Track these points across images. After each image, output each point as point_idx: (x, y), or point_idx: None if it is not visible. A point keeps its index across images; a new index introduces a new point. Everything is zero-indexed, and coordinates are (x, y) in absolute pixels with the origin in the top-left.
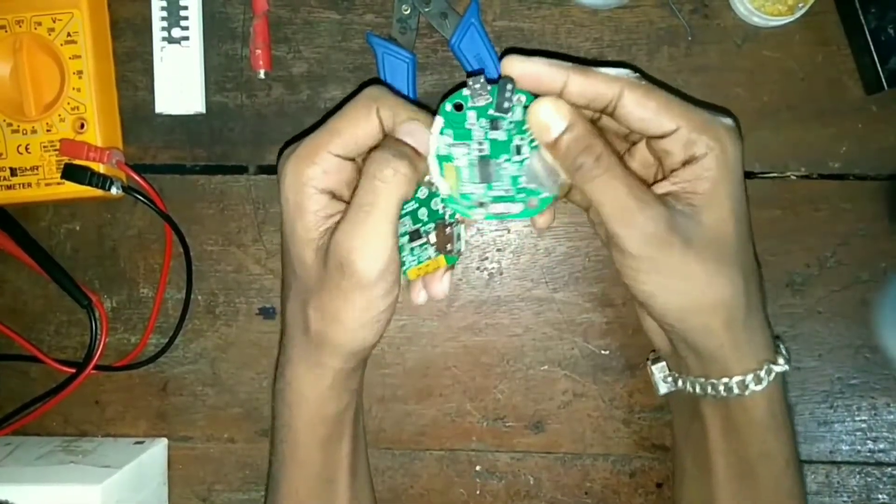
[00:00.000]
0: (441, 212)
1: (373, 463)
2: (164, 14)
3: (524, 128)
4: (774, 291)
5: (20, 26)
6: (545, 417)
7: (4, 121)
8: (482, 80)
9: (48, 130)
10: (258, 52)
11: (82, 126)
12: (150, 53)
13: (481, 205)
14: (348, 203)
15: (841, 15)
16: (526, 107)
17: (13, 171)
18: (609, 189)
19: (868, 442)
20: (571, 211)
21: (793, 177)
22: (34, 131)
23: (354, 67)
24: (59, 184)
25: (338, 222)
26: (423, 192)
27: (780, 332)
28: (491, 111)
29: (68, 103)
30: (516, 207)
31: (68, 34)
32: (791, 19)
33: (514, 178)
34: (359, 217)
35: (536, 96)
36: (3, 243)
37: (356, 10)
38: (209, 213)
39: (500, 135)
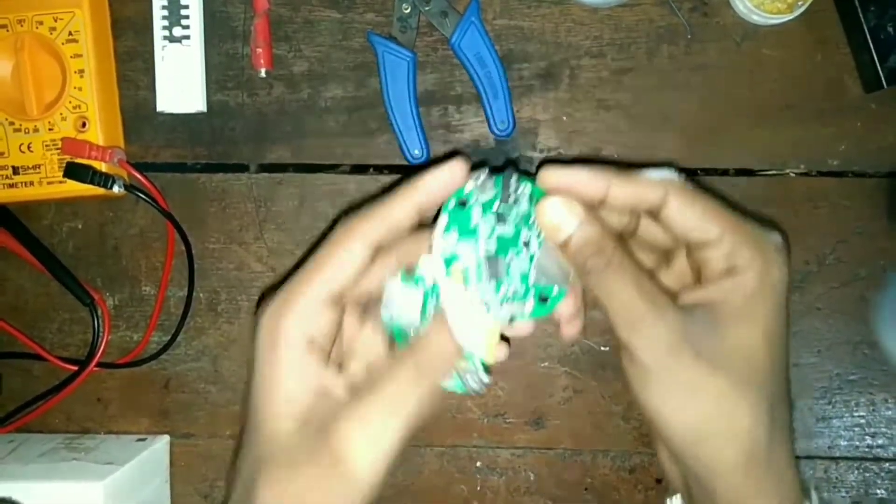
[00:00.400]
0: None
1: None
2: (165, 13)
3: (531, 220)
4: None
5: (22, 25)
6: (545, 414)
7: (6, 119)
8: (486, 173)
9: (50, 129)
10: (259, 50)
11: (84, 125)
12: (152, 52)
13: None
14: (335, 358)
15: (840, 13)
16: (532, 196)
17: (15, 170)
18: (618, 292)
19: (866, 437)
20: None
21: (792, 174)
22: (36, 130)
23: (355, 66)
24: (61, 182)
25: (335, 395)
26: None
27: None
28: (497, 203)
29: (70, 102)
30: (528, 307)
31: (70, 33)
32: (790, 17)
33: (524, 276)
34: (377, 413)
35: (542, 190)
36: (6, 241)
37: (357, 9)
38: (211, 211)
39: (506, 229)
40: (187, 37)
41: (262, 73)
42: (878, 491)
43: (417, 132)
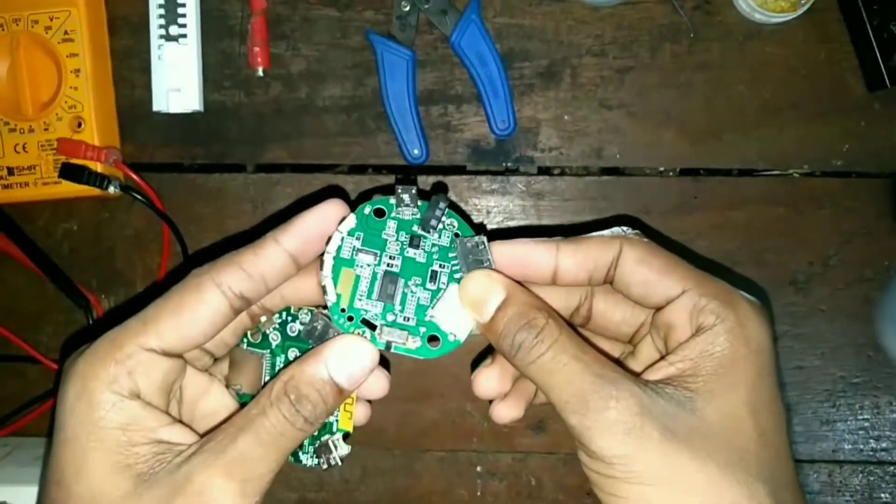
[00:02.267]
0: None
1: (373, 463)
2: (162, 12)
3: (449, 255)
4: (777, 290)
5: (17, 24)
6: (546, 418)
7: (1, 120)
8: (413, 192)
9: (45, 129)
10: (256, 49)
11: (80, 125)
12: (148, 51)
13: (370, 326)
14: (172, 415)
15: (843, 12)
16: (457, 234)
17: (10, 171)
18: (557, 370)
19: (871, 441)
20: (572, 210)
21: (796, 175)
22: (31, 130)
23: (354, 65)
24: (56, 183)
25: (177, 444)
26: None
27: (782, 331)
28: (415, 227)
29: (65, 102)
30: (414, 342)
31: (65, 32)
32: (793, 16)
33: (421, 309)
34: (241, 462)
35: (470, 230)
36: (1, 243)
37: (355, 7)
38: (207, 211)
39: (418, 255)
40: (184, 35)
41: (260, 73)
42: (883, 495)
43: (417, 132)
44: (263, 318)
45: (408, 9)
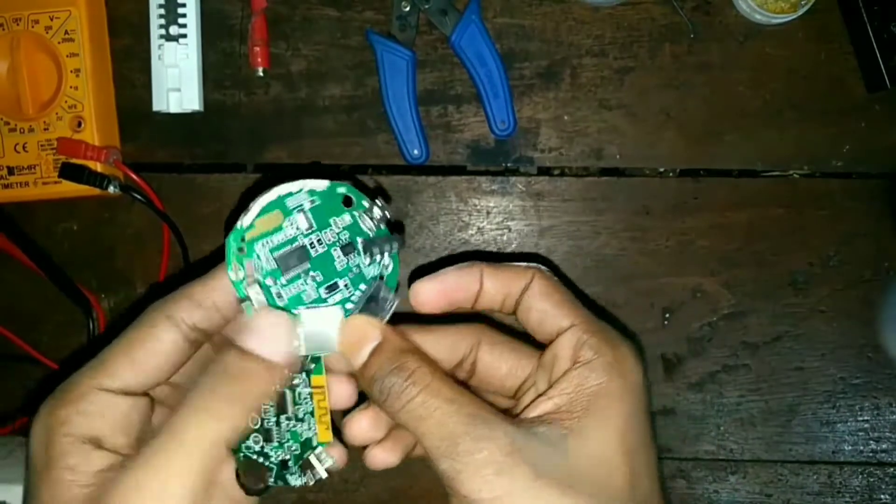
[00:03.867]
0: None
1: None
2: (162, 11)
3: (361, 285)
4: (777, 290)
5: (17, 24)
6: None
7: (1, 119)
8: (384, 214)
9: (45, 129)
10: (256, 49)
11: (80, 124)
12: (148, 51)
13: (259, 286)
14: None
15: (844, 13)
16: (381, 277)
17: (10, 170)
18: (428, 414)
19: (871, 442)
20: (572, 210)
21: (796, 175)
22: (31, 130)
23: (354, 65)
24: (56, 183)
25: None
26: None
27: (782, 331)
28: (360, 239)
29: (65, 101)
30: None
31: (66, 32)
32: (794, 17)
33: (298, 298)
34: (157, 461)
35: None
36: (0, 243)
37: (355, 7)
38: (207, 211)
39: (339, 260)
40: (184, 35)
41: (260, 72)
42: (883, 496)
43: (417, 132)
44: None
45: (408, 9)
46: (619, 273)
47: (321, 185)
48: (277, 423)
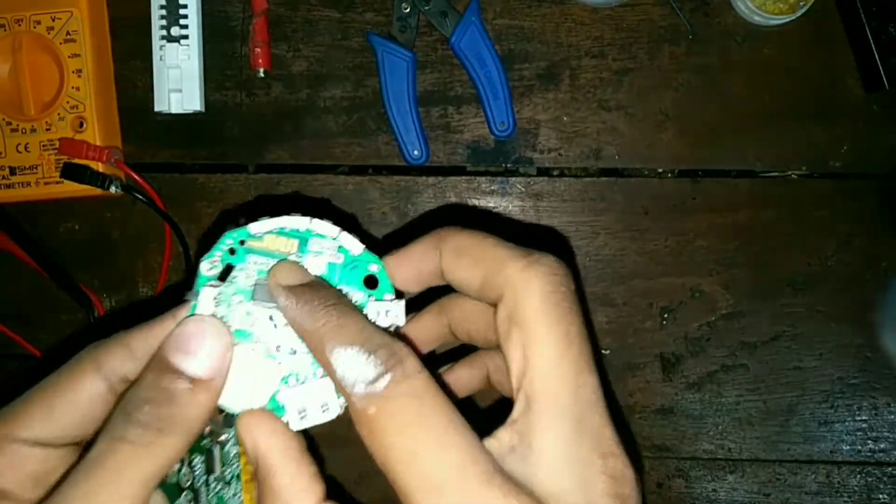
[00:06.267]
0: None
1: (370, 466)
2: (164, 13)
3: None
4: (775, 291)
5: (19, 25)
6: None
7: (3, 120)
8: (396, 324)
9: (47, 129)
10: (257, 50)
11: (81, 125)
12: (150, 52)
13: (219, 296)
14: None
15: (842, 14)
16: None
17: (12, 170)
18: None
19: (869, 442)
20: (571, 211)
21: (794, 176)
22: (33, 130)
23: (354, 66)
24: (58, 183)
25: None
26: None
27: (780, 331)
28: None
29: (67, 102)
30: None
31: (67, 33)
32: (792, 18)
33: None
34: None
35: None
36: (2, 243)
37: (356, 9)
38: (208, 211)
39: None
40: (185, 36)
41: (261, 73)
42: (881, 496)
43: (417, 133)
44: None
45: (408, 10)
46: (618, 273)
47: (356, 247)
48: (207, 483)
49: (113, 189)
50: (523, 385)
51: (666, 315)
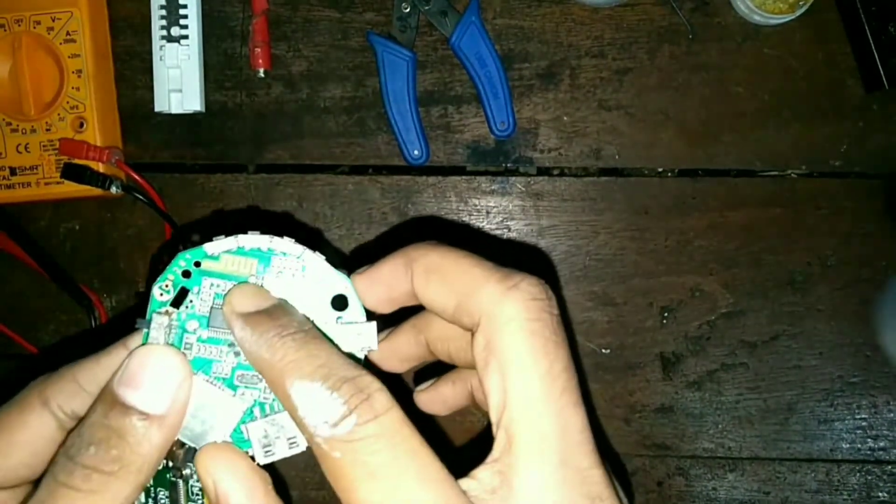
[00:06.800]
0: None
1: None
2: (164, 13)
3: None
4: (775, 290)
5: (19, 25)
6: None
7: (4, 120)
8: (370, 328)
9: (47, 129)
10: (258, 50)
11: (81, 125)
12: (150, 52)
13: (172, 324)
14: None
15: (842, 13)
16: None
17: (12, 171)
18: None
19: (868, 440)
20: (571, 210)
21: (794, 175)
22: (33, 130)
23: (354, 66)
24: (58, 183)
25: None
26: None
27: (780, 330)
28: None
29: (67, 102)
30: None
31: (67, 33)
32: (792, 17)
33: (227, 382)
34: None
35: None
36: (3, 243)
37: (356, 9)
38: (208, 211)
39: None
40: (186, 37)
41: (261, 73)
42: (881, 494)
43: (417, 132)
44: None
45: (408, 10)
46: (618, 272)
47: (321, 266)
48: None
49: (113, 189)
50: (502, 421)
51: (666, 314)
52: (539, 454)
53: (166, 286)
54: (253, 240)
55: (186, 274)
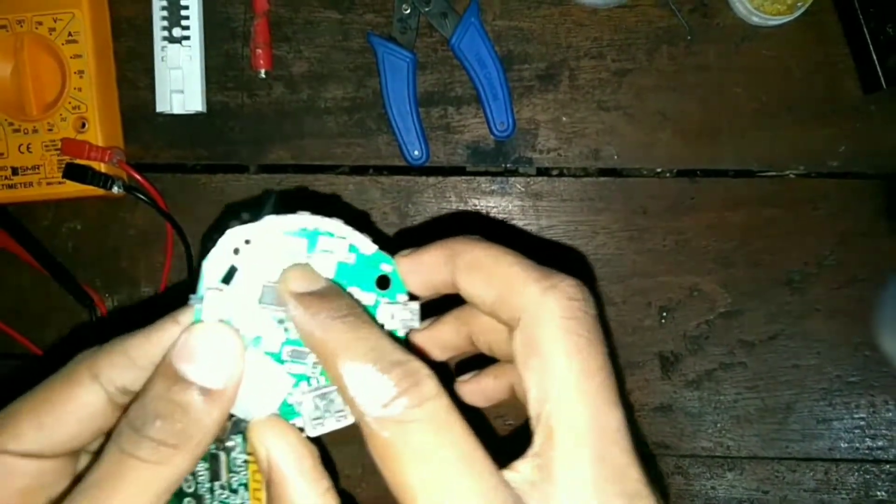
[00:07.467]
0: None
1: (373, 462)
2: (165, 13)
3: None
4: (773, 289)
5: (21, 26)
6: None
7: (6, 120)
8: (410, 323)
9: (49, 130)
10: (259, 51)
11: (83, 125)
12: (151, 53)
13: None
14: None
15: (840, 14)
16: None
17: (15, 171)
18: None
19: (866, 439)
20: (570, 210)
21: (792, 175)
22: (35, 131)
23: (355, 67)
24: (60, 183)
25: None
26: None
27: (779, 330)
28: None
29: (69, 103)
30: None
31: (69, 34)
32: (790, 18)
33: (275, 357)
34: None
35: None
36: (5, 243)
37: (357, 10)
38: (210, 212)
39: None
40: (187, 37)
41: (262, 74)
42: (879, 493)
43: (417, 133)
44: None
45: (408, 11)
46: (617, 272)
47: (368, 247)
48: (211, 490)
49: (115, 189)
50: (542, 417)
51: (665, 314)
52: (576, 450)
53: (217, 263)
54: (302, 220)
55: (236, 251)
